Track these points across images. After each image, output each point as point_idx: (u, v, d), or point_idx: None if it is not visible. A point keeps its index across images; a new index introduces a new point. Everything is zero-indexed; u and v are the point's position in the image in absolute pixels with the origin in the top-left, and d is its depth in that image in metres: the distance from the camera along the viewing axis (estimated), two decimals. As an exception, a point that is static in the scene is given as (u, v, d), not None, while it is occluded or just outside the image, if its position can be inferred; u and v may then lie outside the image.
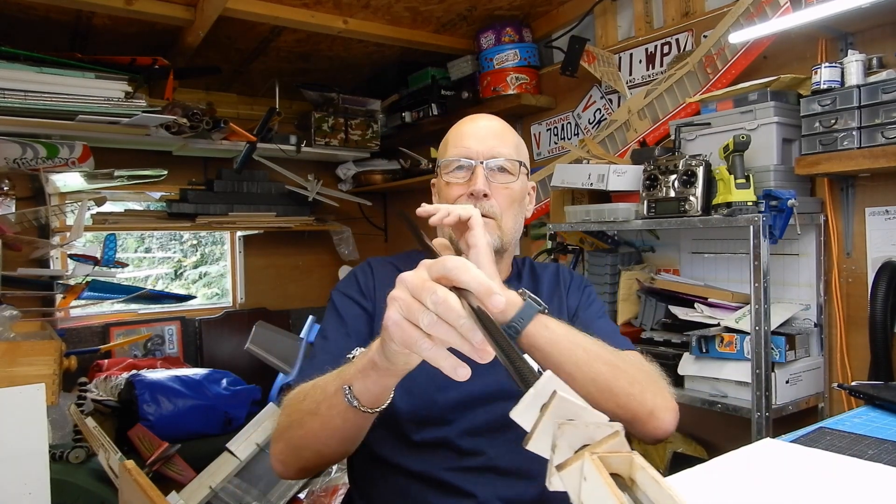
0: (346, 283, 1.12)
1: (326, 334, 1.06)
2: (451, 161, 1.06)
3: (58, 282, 2.80)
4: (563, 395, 0.41)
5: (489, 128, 1.09)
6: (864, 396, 1.26)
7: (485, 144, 1.05)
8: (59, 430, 2.30)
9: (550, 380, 0.42)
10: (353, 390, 0.75)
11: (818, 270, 1.84)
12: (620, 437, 0.39)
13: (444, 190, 1.08)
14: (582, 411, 0.41)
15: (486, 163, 1.04)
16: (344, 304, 1.07)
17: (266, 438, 2.30)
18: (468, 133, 1.08)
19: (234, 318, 3.50)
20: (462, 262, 0.58)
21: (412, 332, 0.58)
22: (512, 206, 1.07)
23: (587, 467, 0.37)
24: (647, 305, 2.11)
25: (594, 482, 0.36)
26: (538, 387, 0.42)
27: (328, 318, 1.08)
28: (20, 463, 1.49)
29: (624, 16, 2.46)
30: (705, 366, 1.80)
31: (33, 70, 2.29)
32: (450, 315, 0.55)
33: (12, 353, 1.63)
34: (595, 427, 0.39)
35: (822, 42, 1.81)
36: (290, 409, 0.88)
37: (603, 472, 0.36)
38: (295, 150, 3.25)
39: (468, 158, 1.05)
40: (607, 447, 0.38)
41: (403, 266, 1.12)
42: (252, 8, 2.35)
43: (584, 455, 0.38)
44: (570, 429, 0.39)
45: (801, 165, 1.68)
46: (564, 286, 1.15)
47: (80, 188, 2.88)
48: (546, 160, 2.77)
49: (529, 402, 0.42)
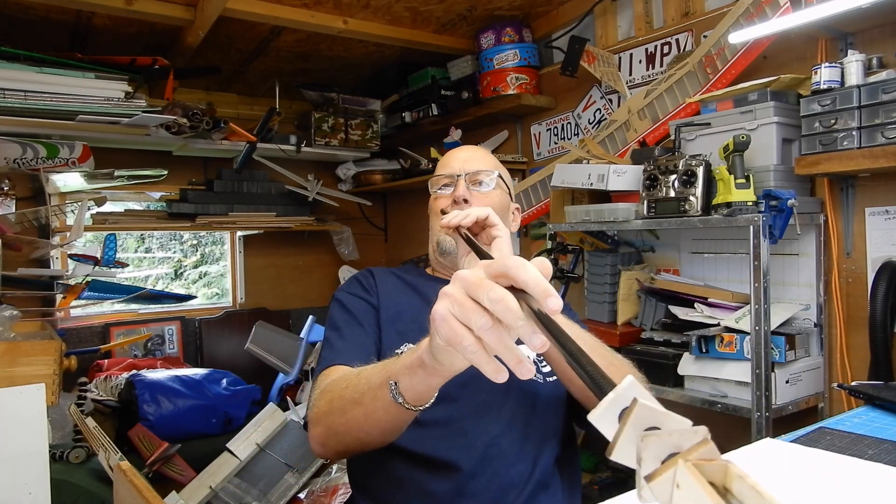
0: (348, 285, 1.20)
1: (338, 325, 1.11)
2: (439, 179, 1.21)
3: (58, 282, 2.80)
4: (644, 403, 0.39)
5: (471, 153, 1.24)
6: (864, 396, 1.26)
7: (466, 164, 1.20)
8: (59, 430, 2.30)
9: (631, 386, 0.41)
10: (398, 386, 0.75)
11: (818, 270, 1.84)
12: (711, 445, 0.37)
13: (432, 205, 1.21)
14: (665, 418, 0.39)
15: (466, 175, 1.17)
16: (350, 301, 1.15)
17: (266, 438, 2.31)
18: (452, 157, 1.23)
19: (234, 318, 3.49)
20: (521, 260, 0.56)
21: (458, 328, 0.56)
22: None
23: (681, 475, 0.35)
24: (647, 305, 2.11)
25: (690, 490, 0.35)
26: (618, 391, 0.41)
27: (336, 314, 1.14)
28: (20, 463, 1.49)
29: (624, 16, 2.46)
30: (705, 366, 1.80)
31: (33, 70, 2.29)
32: (508, 316, 0.53)
33: (12, 353, 1.63)
34: (681, 434, 0.38)
35: (822, 42, 1.81)
36: (332, 394, 0.90)
37: (700, 479, 0.34)
38: (295, 150, 3.25)
39: (451, 175, 1.19)
40: (698, 455, 0.37)
41: (405, 276, 1.23)
42: (252, 8, 2.35)
43: (676, 462, 0.36)
44: (656, 438, 0.38)
45: (800, 165, 1.68)
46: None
47: (80, 188, 2.88)
48: (546, 160, 2.77)
49: (608, 406, 0.40)
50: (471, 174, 1.18)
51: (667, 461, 0.37)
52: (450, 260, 1.18)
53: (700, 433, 0.38)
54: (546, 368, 1.10)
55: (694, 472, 0.35)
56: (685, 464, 0.35)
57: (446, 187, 1.19)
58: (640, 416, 0.39)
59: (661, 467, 0.37)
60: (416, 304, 1.15)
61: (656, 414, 0.39)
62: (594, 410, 0.41)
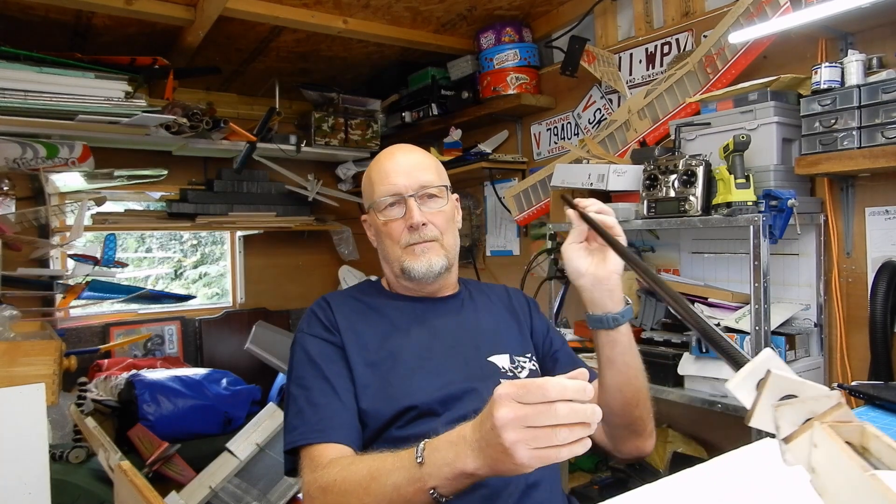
0: (308, 324, 1.14)
1: (307, 384, 1.05)
2: (383, 201, 1.13)
3: (58, 282, 2.80)
4: (778, 373, 0.42)
5: (409, 161, 1.16)
6: (864, 396, 1.26)
7: (410, 178, 1.13)
8: (59, 430, 2.30)
9: (768, 358, 0.44)
10: (438, 490, 0.77)
11: (818, 270, 1.84)
12: (845, 408, 0.40)
13: (383, 229, 1.14)
14: (801, 386, 0.42)
15: (416, 194, 1.12)
16: (313, 347, 1.09)
17: (266, 438, 2.30)
18: (391, 170, 1.14)
19: (234, 318, 3.49)
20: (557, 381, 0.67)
21: (547, 453, 0.66)
22: (448, 226, 1.16)
23: (818, 435, 0.38)
24: (647, 305, 2.11)
25: (827, 448, 0.37)
26: (755, 363, 0.44)
27: (301, 367, 1.08)
28: (20, 463, 1.49)
29: (624, 16, 2.46)
30: (705, 366, 1.80)
31: (33, 70, 2.29)
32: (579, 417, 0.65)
33: (12, 353, 1.63)
34: (816, 400, 0.41)
35: (822, 42, 1.81)
36: (345, 499, 0.86)
37: (836, 438, 0.37)
38: (295, 150, 3.25)
39: (398, 194, 1.12)
40: (833, 417, 0.39)
41: (363, 297, 1.20)
42: (252, 8, 2.35)
43: (812, 424, 0.39)
44: (792, 404, 0.41)
45: (801, 165, 1.68)
46: (523, 306, 1.27)
47: (80, 188, 2.88)
48: (546, 160, 2.77)
49: (745, 376, 0.44)
50: (418, 191, 1.12)
51: (804, 425, 0.40)
52: (416, 284, 1.15)
53: (834, 397, 0.41)
54: (512, 377, 1.11)
55: (830, 431, 0.37)
56: (821, 425, 0.38)
57: (392, 207, 1.13)
58: (776, 385, 0.42)
59: (798, 430, 0.40)
60: (380, 328, 1.12)
61: (791, 383, 0.42)
62: (732, 380, 0.45)
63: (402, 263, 1.12)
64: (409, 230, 1.11)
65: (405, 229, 1.12)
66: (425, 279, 1.13)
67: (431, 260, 1.12)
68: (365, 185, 1.21)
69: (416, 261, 1.11)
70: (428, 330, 1.13)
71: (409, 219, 1.11)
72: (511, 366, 1.13)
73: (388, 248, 1.15)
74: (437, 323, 1.15)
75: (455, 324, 1.16)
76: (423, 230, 1.12)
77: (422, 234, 1.11)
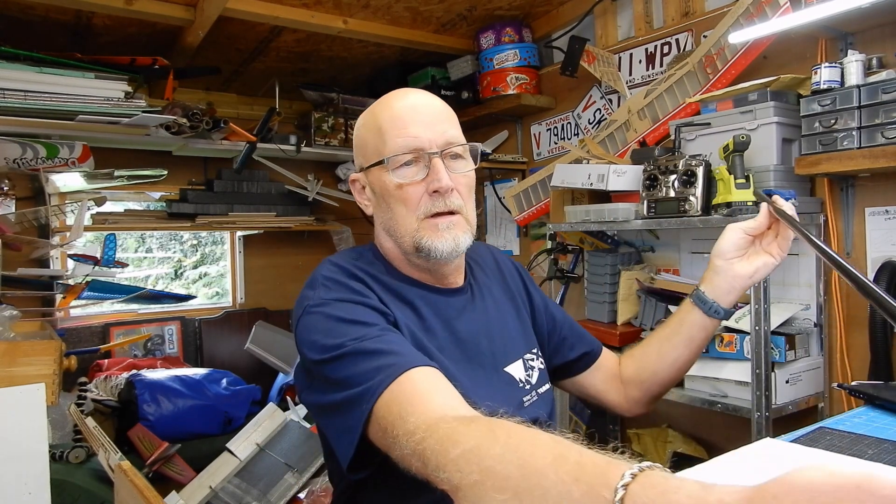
0: (325, 289, 0.88)
1: (348, 344, 0.80)
2: (398, 157, 0.90)
3: (58, 282, 2.80)
4: None
5: (431, 109, 0.93)
6: (864, 396, 1.26)
7: (434, 130, 0.90)
8: (59, 430, 2.30)
9: None
10: None
11: (818, 270, 1.84)
12: None
13: (396, 192, 0.91)
14: None
15: (441, 152, 0.90)
16: (346, 310, 0.85)
17: (266, 438, 2.31)
18: (409, 119, 0.91)
19: (234, 318, 3.49)
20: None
21: None
22: (471, 196, 0.97)
23: None
24: (647, 305, 2.11)
25: None
26: None
27: (333, 332, 0.83)
28: (20, 463, 1.49)
29: (624, 16, 2.46)
30: (705, 366, 1.80)
31: (33, 70, 2.29)
32: None
33: (12, 353, 1.63)
34: None
35: (822, 42, 1.81)
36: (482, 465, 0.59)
37: None
38: (295, 150, 3.25)
39: (419, 149, 0.90)
40: None
41: (376, 272, 0.95)
42: (252, 8, 2.35)
43: None
44: None
45: (801, 165, 1.68)
46: (516, 281, 1.12)
47: (80, 188, 2.88)
48: (546, 160, 2.77)
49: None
50: (443, 147, 0.91)
51: None
52: (433, 264, 0.95)
53: None
54: (528, 388, 1.03)
55: None
56: None
57: (409, 166, 0.91)
58: None
59: None
60: (408, 318, 0.92)
61: None
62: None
63: (420, 239, 0.91)
64: (430, 196, 0.90)
65: (425, 194, 0.90)
66: (448, 259, 0.93)
67: (458, 237, 0.91)
68: (365, 135, 0.97)
69: (438, 238, 0.90)
70: (450, 334, 0.95)
71: (434, 181, 0.89)
72: (525, 374, 1.02)
73: (400, 217, 0.92)
74: (457, 326, 0.97)
75: (471, 326, 0.98)
76: (450, 197, 0.91)
77: (447, 202, 0.91)
